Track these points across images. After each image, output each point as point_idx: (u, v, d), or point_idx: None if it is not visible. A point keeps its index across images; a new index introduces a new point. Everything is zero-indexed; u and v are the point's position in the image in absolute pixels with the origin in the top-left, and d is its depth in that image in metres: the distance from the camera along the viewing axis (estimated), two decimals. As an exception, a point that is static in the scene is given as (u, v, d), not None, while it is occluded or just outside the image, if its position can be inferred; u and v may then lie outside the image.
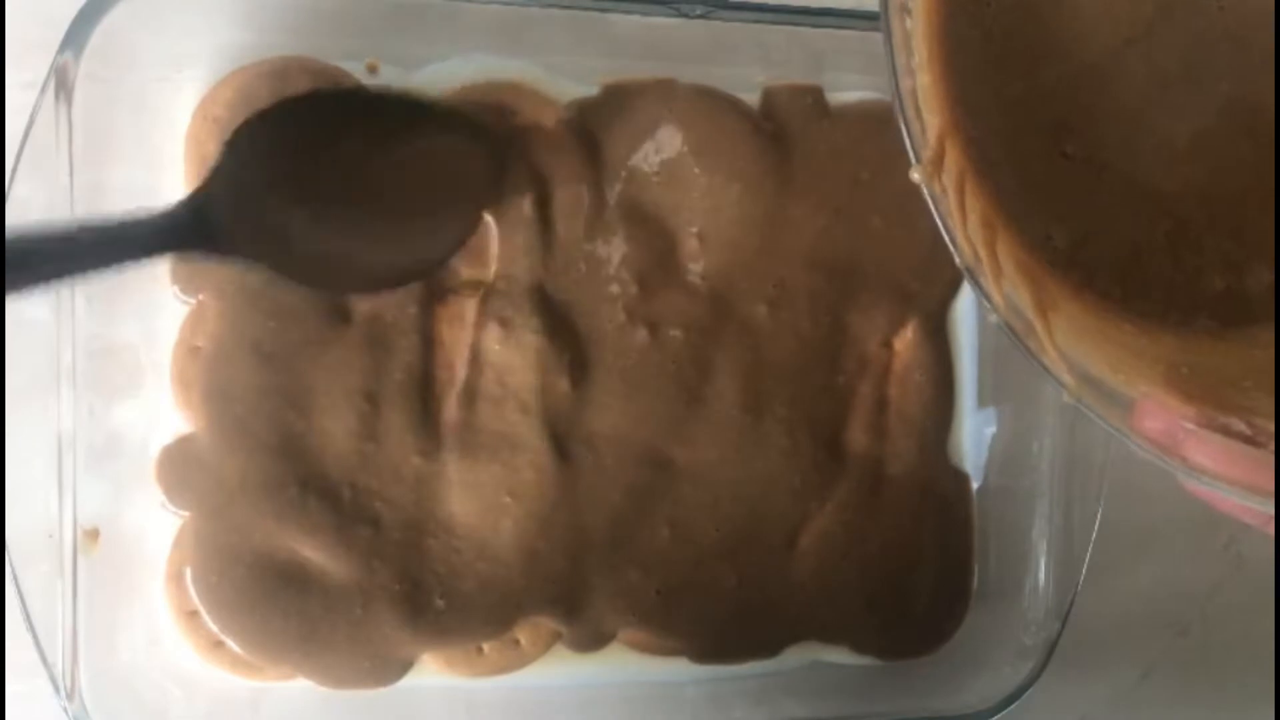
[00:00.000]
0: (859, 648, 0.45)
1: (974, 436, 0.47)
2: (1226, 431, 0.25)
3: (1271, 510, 0.25)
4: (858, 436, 0.45)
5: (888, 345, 0.45)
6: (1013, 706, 0.43)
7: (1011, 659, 0.44)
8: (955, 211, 0.27)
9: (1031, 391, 0.46)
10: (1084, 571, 0.43)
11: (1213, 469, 0.25)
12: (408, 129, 0.39)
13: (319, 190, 0.37)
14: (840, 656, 0.46)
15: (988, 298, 0.26)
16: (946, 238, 0.26)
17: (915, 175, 0.26)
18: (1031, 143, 0.30)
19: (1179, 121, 0.30)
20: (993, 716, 0.43)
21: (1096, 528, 0.43)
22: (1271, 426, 0.25)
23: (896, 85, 0.26)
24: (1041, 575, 0.45)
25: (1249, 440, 0.25)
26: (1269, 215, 0.30)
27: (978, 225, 0.28)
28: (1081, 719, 0.51)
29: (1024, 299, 0.28)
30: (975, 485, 0.47)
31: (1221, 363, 0.29)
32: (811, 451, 0.44)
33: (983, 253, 0.27)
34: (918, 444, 0.45)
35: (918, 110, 0.26)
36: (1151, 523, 0.51)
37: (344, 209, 0.38)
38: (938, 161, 0.26)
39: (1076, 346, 0.27)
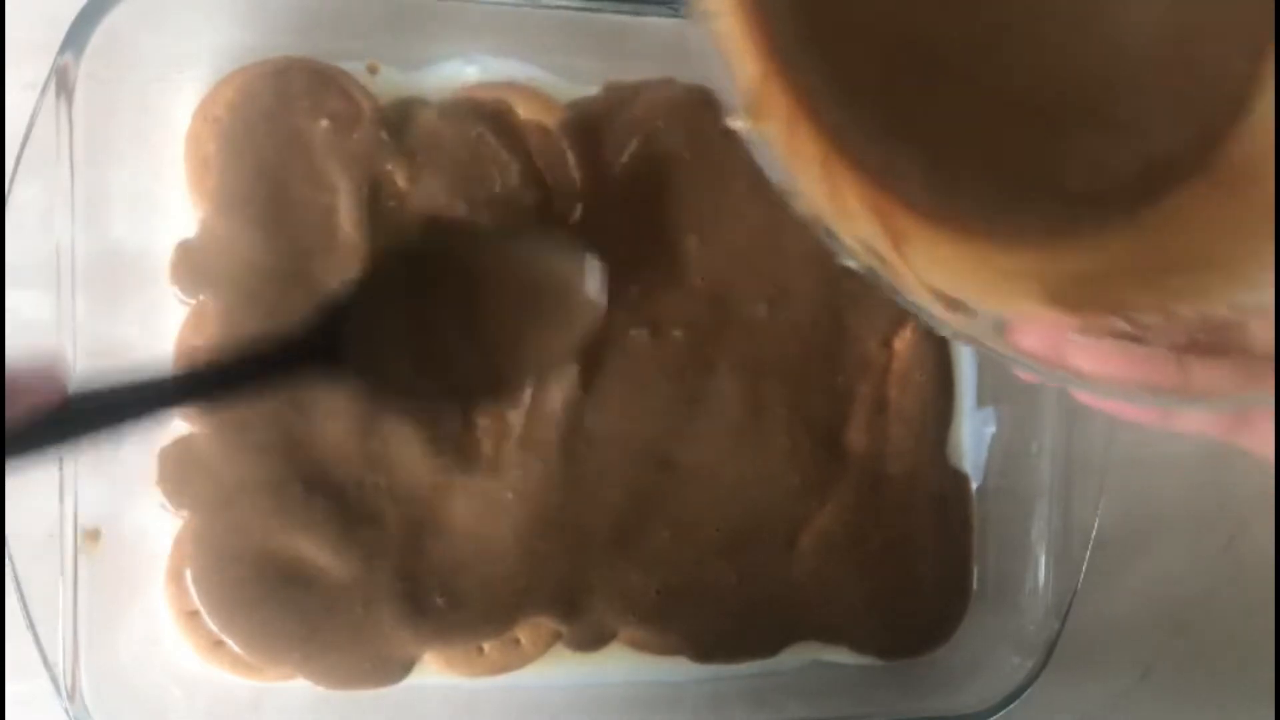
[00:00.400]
0: (859, 647, 0.46)
1: (973, 436, 0.47)
2: (1110, 333, 0.24)
3: (1166, 406, 0.24)
4: (858, 436, 0.45)
5: (887, 345, 0.45)
6: (1012, 706, 0.43)
7: (1011, 659, 0.44)
8: (787, 156, 0.25)
9: (1031, 392, 0.46)
10: (1083, 571, 0.44)
11: (1101, 373, 0.24)
12: (518, 257, 0.40)
13: (435, 315, 0.38)
14: (840, 656, 0.46)
15: (838, 243, 0.25)
16: (780, 187, 0.25)
17: (735, 123, 0.24)
18: (870, 69, 0.28)
19: (1038, 18, 0.28)
20: (992, 716, 0.43)
21: (1096, 528, 0.43)
22: (1153, 319, 0.24)
23: (701, 29, 0.24)
24: (1041, 575, 0.45)
25: (1134, 337, 0.24)
26: (1136, 93, 0.28)
27: (815, 167, 0.26)
28: (1081, 719, 0.51)
29: (875, 236, 0.26)
30: (975, 485, 0.47)
31: (1091, 264, 0.28)
32: (811, 451, 0.44)
33: (824, 195, 0.26)
34: (917, 444, 0.45)
35: (729, 55, 0.25)
36: (1151, 523, 0.51)
37: (454, 333, 0.39)
38: (759, 108, 0.25)
39: (941, 277, 0.26)
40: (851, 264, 0.25)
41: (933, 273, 0.26)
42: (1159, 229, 0.28)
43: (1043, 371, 0.25)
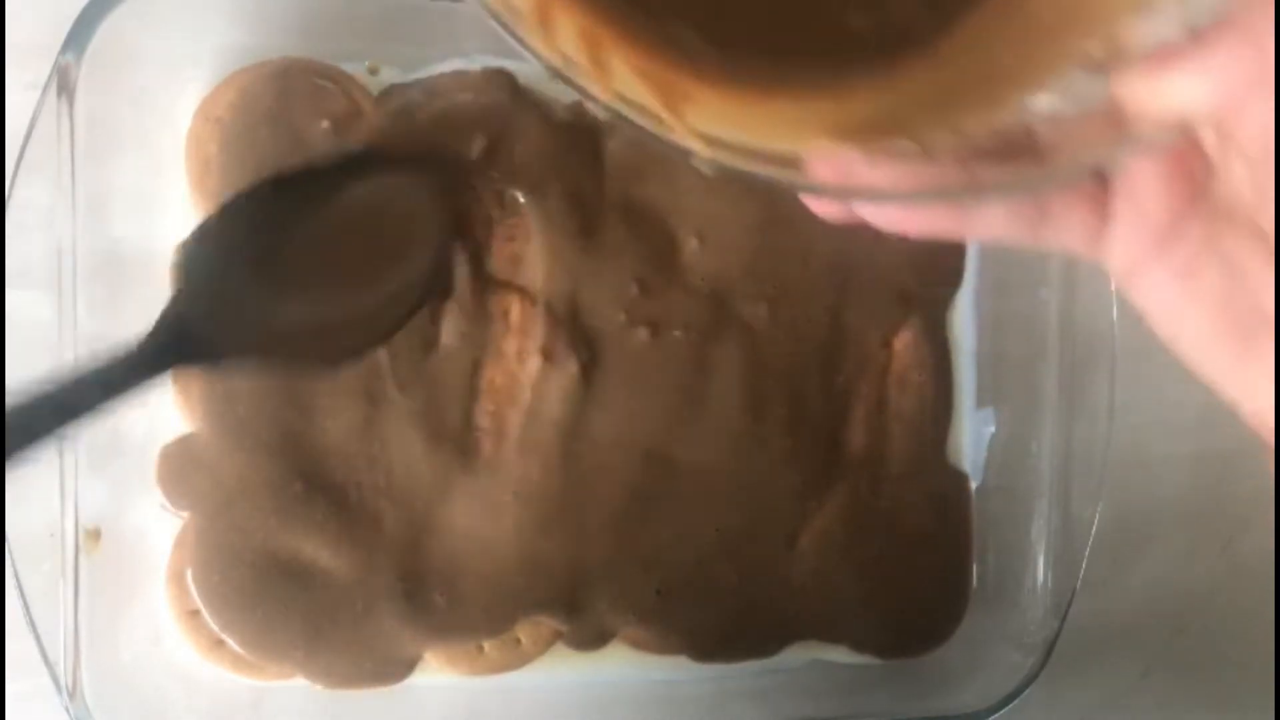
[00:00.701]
0: (858, 647, 0.46)
1: (973, 436, 0.47)
2: (899, 155, 0.25)
3: (957, 202, 0.25)
4: (857, 436, 0.45)
5: (887, 345, 0.45)
6: (1012, 706, 0.43)
7: (1010, 658, 0.44)
8: (535, 30, 0.24)
9: (1030, 392, 0.46)
10: (1082, 571, 0.44)
11: (891, 187, 0.24)
12: (351, 182, 0.39)
13: (284, 270, 0.37)
14: (840, 655, 0.46)
15: (591, 98, 0.24)
16: (519, 47, 0.24)
17: None
18: None
19: None
20: (992, 715, 0.43)
21: (1095, 527, 0.43)
22: (942, 138, 0.25)
23: None
24: (1040, 575, 0.45)
25: (920, 155, 0.25)
26: None
27: (575, 39, 0.26)
28: (1081, 718, 0.51)
29: (650, 101, 0.26)
30: (974, 485, 0.47)
31: (884, 100, 0.28)
32: (811, 451, 0.44)
33: (586, 63, 0.25)
34: (917, 444, 0.46)
35: None
36: (1151, 523, 0.51)
37: (312, 280, 0.38)
38: None
39: (727, 131, 0.25)
40: (604, 115, 0.25)
41: (718, 128, 0.25)
42: (946, 57, 0.28)
43: (832, 194, 0.25)
